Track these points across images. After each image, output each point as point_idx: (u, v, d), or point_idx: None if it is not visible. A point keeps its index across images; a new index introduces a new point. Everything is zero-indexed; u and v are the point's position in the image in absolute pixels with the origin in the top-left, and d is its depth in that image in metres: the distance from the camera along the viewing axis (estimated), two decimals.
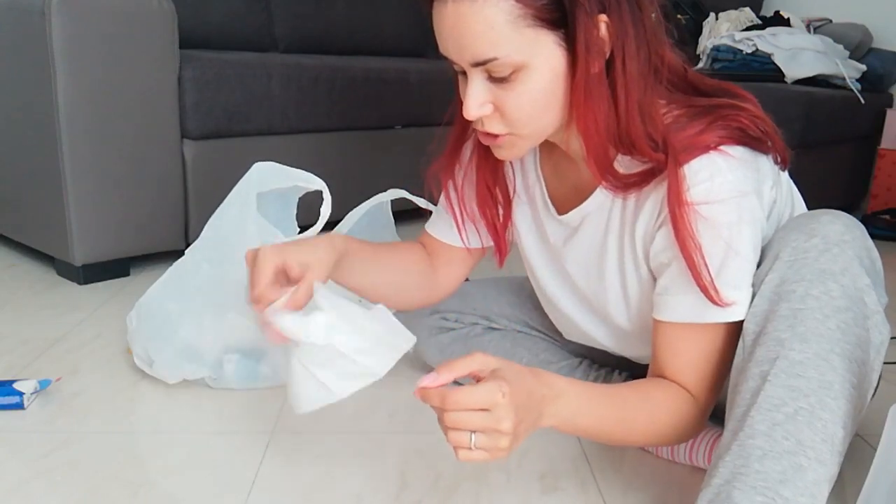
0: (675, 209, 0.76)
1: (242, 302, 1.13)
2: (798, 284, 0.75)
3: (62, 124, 1.50)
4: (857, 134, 2.54)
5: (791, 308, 0.74)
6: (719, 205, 0.76)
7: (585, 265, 0.94)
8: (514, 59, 0.73)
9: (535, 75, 0.75)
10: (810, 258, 0.75)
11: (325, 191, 1.15)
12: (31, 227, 1.71)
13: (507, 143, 0.82)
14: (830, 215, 0.78)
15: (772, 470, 0.70)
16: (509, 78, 0.75)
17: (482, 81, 0.77)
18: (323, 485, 0.93)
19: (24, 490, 0.89)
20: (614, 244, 0.89)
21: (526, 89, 0.76)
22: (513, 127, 0.79)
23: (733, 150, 0.77)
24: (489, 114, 0.79)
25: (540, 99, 0.77)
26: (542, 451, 1.03)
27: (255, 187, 1.13)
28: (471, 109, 0.78)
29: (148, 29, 1.57)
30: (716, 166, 0.76)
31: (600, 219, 0.90)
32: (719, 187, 0.76)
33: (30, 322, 1.42)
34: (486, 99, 0.77)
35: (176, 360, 1.14)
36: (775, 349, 0.74)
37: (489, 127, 0.80)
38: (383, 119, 2.15)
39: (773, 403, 0.72)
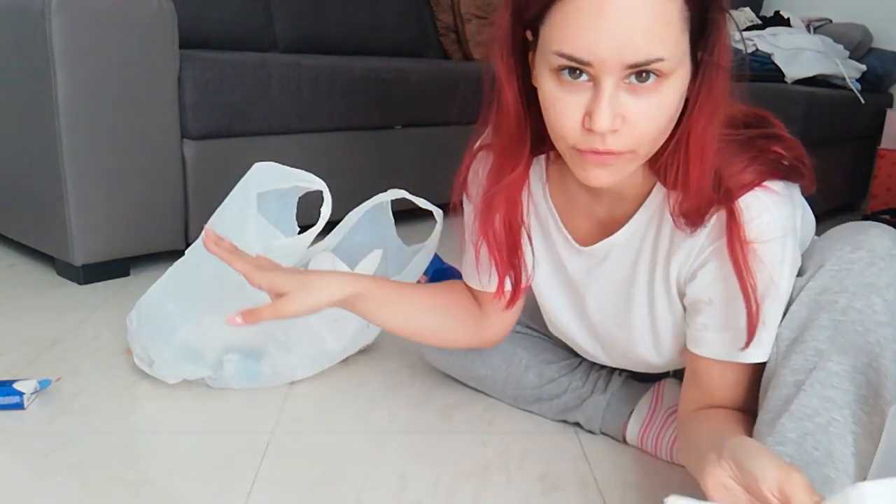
0: (735, 246, 0.74)
1: (242, 302, 1.13)
2: (841, 295, 0.74)
3: (62, 124, 1.50)
4: (857, 134, 2.54)
5: (832, 319, 0.74)
6: (768, 244, 0.75)
7: (611, 297, 0.92)
8: (673, 63, 0.67)
9: (675, 85, 0.69)
10: (855, 270, 0.75)
11: (325, 191, 1.15)
12: (31, 227, 1.71)
13: (622, 163, 0.72)
14: (879, 229, 0.78)
15: None
16: (651, 87, 0.68)
17: (618, 90, 0.68)
18: (323, 485, 0.93)
19: (24, 490, 0.89)
20: (644, 277, 0.87)
21: (665, 101, 0.69)
22: (638, 143, 0.71)
23: (775, 185, 0.76)
24: (619, 127, 0.69)
25: (671, 111, 0.70)
26: (542, 451, 1.03)
27: (255, 187, 1.13)
28: (604, 121, 0.68)
29: (148, 29, 1.57)
30: (762, 205, 0.74)
31: (630, 250, 0.87)
32: (767, 226, 0.74)
33: (30, 322, 1.42)
34: (619, 110, 0.69)
35: (176, 360, 1.14)
36: (813, 359, 0.73)
37: (612, 143, 0.70)
38: (383, 119, 2.15)
39: (805, 413, 0.72)
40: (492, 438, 1.06)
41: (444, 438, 1.05)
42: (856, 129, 2.51)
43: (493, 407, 1.14)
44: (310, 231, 1.15)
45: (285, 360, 1.18)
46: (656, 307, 0.88)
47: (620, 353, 0.98)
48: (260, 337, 1.16)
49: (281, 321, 1.13)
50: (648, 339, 0.91)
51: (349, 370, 1.26)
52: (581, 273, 0.93)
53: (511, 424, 1.10)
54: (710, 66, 0.70)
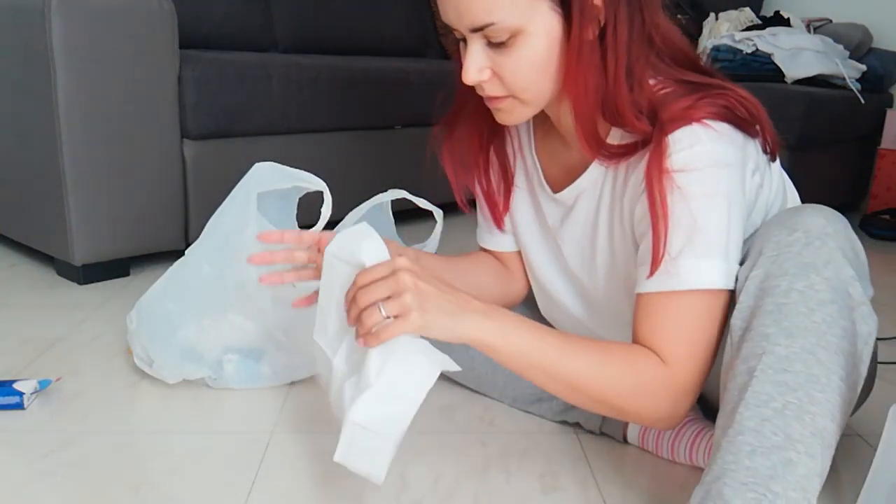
0: (652, 175, 0.78)
1: (242, 302, 1.14)
2: (782, 279, 0.75)
3: (62, 124, 1.50)
4: (857, 134, 2.54)
5: (775, 303, 0.74)
6: (696, 173, 0.77)
7: (580, 244, 0.96)
8: (511, 24, 0.76)
9: (532, 40, 0.78)
10: (793, 252, 0.75)
11: (325, 191, 1.15)
12: (31, 227, 1.71)
13: (508, 107, 0.85)
14: (812, 209, 0.79)
15: (762, 466, 0.70)
16: (507, 43, 0.78)
17: (481, 47, 0.80)
18: (323, 485, 0.93)
19: (24, 490, 0.89)
20: (605, 220, 0.91)
21: (523, 54, 0.78)
22: (512, 90, 0.82)
23: (717, 124, 0.78)
24: (488, 78, 0.82)
25: (537, 63, 0.79)
26: (542, 451, 1.03)
27: (256, 187, 1.13)
28: (469, 74, 0.81)
29: (148, 29, 1.57)
30: (696, 136, 0.77)
31: (593, 195, 0.91)
32: (697, 156, 0.77)
33: (30, 322, 1.42)
34: (484, 64, 0.80)
35: (176, 360, 1.14)
36: (761, 344, 0.74)
37: (490, 90, 0.83)
38: (383, 119, 2.15)
39: (760, 399, 0.72)
40: (492, 438, 1.06)
41: (444, 438, 1.05)
42: (856, 129, 2.51)
43: (493, 407, 1.15)
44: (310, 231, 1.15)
45: (285, 360, 1.18)
46: (616, 251, 0.90)
47: (602, 308, 0.98)
48: (260, 337, 1.16)
49: (281, 321, 1.13)
50: (617, 289, 0.93)
51: None
52: (556, 223, 0.98)
53: (511, 424, 1.10)
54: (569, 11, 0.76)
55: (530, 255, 1.06)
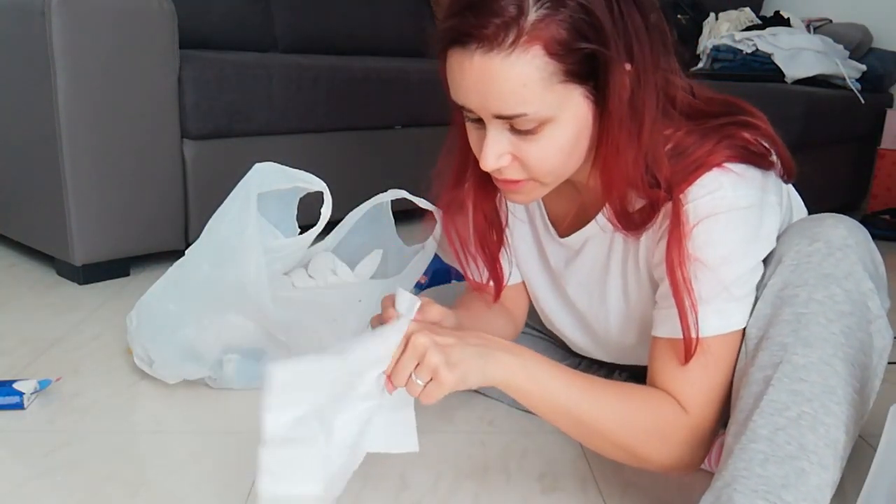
0: (673, 242, 0.76)
1: (242, 302, 1.13)
2: (801, 289, 0.75)
3: (62, 124, 1.50)
4: (857, 134, 2.54)
5: (794, 312, 0.74)
6: (715, 219, 0.75)
7: (587, 288, 0.94)
8: (543, 114, 0.72)
9: (561, 128, 0.74)
10: (813, 262, 0.75)
11: (325, 192, 1.15)
12: (31, 227, 1.71)
13: (526, 189, 0.80)
14: (833, 219, 0.78)
15: (774, 474, 0.70)
16: (534, 130, 0.73)
17: (503, 132, 0.75)
18: None
19: (24, 490, 0.89)
20: (618, 266, 0.89)
21: (550, 143, 0.74)
22: (535, 175, 0.78)
23: (736, 166, 0.76)
24: (507, 164, 0.77)
25: (565, 149, 0.75)
26: (542, 451, 1.03)
27: (256, 188, 1.13)
28: (489, 161, 0.76)
29: (148, 29, 1.57)
30: (717, 182, 0.76)
31: (603, 241, 0.89)
32: (719, 201, 0.75)
33: (30, 322, 1.42)
34: (505, 150, 0.76)
35: (176, 360, 1.14)
36: (778, 353, 0.74)
37: (508, 174, 0.78)
38: (383, 119, 2.15)
39: (775, 407, 0.72)
40: (492, 438, 1.06)
41: (444, 438, 1.05)
42: (856, 129, 2.51)
43: (493, 407, 1.15)
44: (310, 231, 1.15)
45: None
46: (630, 297, 0.89)
47: (612, 344, 0.98)
48: (260, 337, 1.16)
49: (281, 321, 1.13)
50: (627, 328, 0.92)
51: None
52: (560, 264, 0.96)
53: (511, 424, 1.10)
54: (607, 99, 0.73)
55: (533, 286, 1.03)
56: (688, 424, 0.80)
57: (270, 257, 1.13)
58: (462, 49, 0.71)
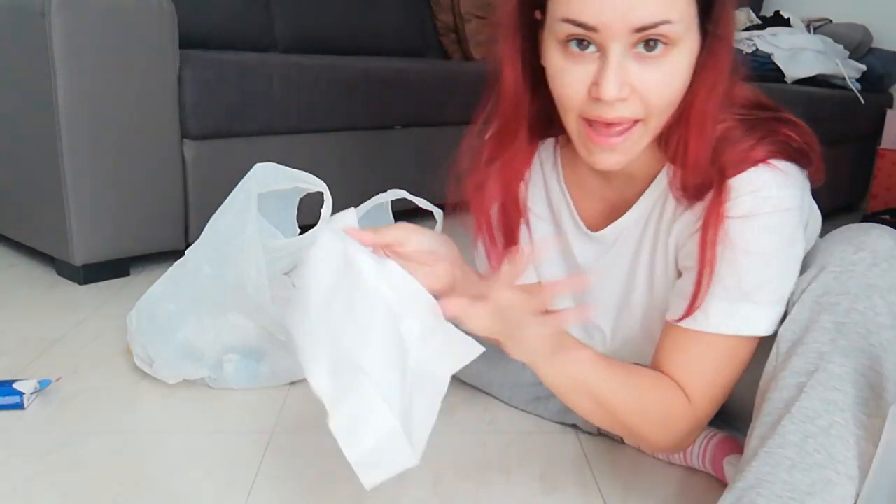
0: (710, 219, 0.75)
1: (242, 302, 1.14)
2: (843, 297, 0.74)
3: (62, 124, 1.50)
4: (857, 134, 2.54)
5: (834, 321, 0.73)
6: (758, 218, 0.75)
7: (616, 281, 0.93)
8: (679, 29, 0.68)
9: (684, 53, 0.70)
10: (857, 272, 0.74)
11: (325, 191, 1.15)
12: (31, 227, 1.71)
13: (629, 139, 0.74)
14: (881, 230, 0.77)
15: (800, 482, 0.69)
16: (660, 54, 0.69)
17: (626, 59, 0.69)
18: (323, 485, 0.93)
19: (24, 490, 0.89)
20: (646, 257, 0.88)
21: (675, 69, 0.70)
22: (647, 112, 0.72)
23: (781, 164, 0.76)
24: (627, 96, 0.70)
25: (681, 81, 0.72)
26: (542, 451, 1.03)
27: (256, 188, 1.13)
28: (610, 89, 0.68)
29: (148, 29, 1.57)
30: (762, 180, 0.75)
31: (635, 232, 0.88)
32: (763, 200, 0.74)
33: (30, 322, 1.42)
34: (627, 79, 0.69)
35: (176, 360, 1.14)
36: (814, 361, 0.73)
37: (623, 110, 0.71)
38: (383, 119, 2.15)
39: (807, 415, 0.71)
40: (492, 438, 1.06)
41: (444, 438, 1.05)
42: (856, 129, 2.51)
43: (493, 407, 1.15)
44: (310, 231, 1.15)
45: (285, 360, 1.18)
46: (655, 286, 0.89)
47: (621, 342, 0.98)
48: (260, 337, 1.16)
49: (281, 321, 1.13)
50: (649, 323, 0.91)
51: None
52: (590, 260, 0.94)
53: (511, 424, 1.10)
54: (715, 38, 0.71)
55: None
56: (691, 414, 0.81)
57: (270, 257, 1.13)
58: None
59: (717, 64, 0.72)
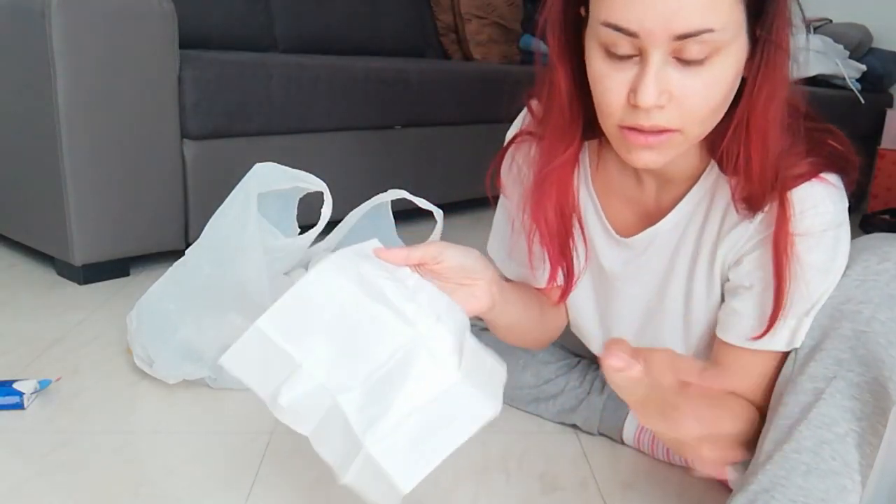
0: (781, 238, 0.74)
1: (242, 302, 1.13)
2: (864, 306, 0.74)
3: (62, 124, 1.50)
4: (857, 134, 2.53)
5: (854, 329, 0.73)
6: (820, 236, 0.74)
7: (647, 286, 0.90)
8: (724, 36, 0.65)
9: (729, 61, 0.67)
10: (881, 281, 0.74)
11: (325, 191, 1.15)
12: (31, 227, 1.71)
13: (669, 143, 0.71)
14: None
15: (815, 488, 0.69)
16: (702, 62, 0.66)
17: (667, 65, 0.67)
18: (323, 485, 0.93)
19: (24, 490, 0.89)
20: (684, 267, 0.86)
21: (717, 77, 0.67)
22: (688, 120, 0.69)
23: (831, 177, 0.75)
24: (665, 104, 0.68)
25: (725, 89, 0.69)
26: (542, 451, 1.03)
27: (256, 188, 1.13)
28: (649, 95, 0.66)
29: (148, 29, 1.57)
30: (818, 196, 0.74)
31: (671, 240, 0.86)
32: (822, 217, 0.74)
33: (30, 322, 1.42)
34: (666, 86, 0.67)
35: (176, 360, 1.14)
36: (833, 368, 0.73)
37: (659, 119, 0.69)
38: (383, 119, 2.15)
39: (824, 421, 0.71)
40: (492, 438, 1.06)
41: None
42: (856, 129, 2.50)
43: None
44: (310, 231, 1.16)
45: None
46: (693, 297, 0.86)
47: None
48: None
49: None
50: (679, 333, 0.90)
51: None
52: (617, 266, 0.91)
53: (511, 424, 1.10)
54: (769, 44, 0.68)
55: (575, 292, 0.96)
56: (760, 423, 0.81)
57: (270, 257, 1.13)
58: None
59: (773, 72, 0.69)
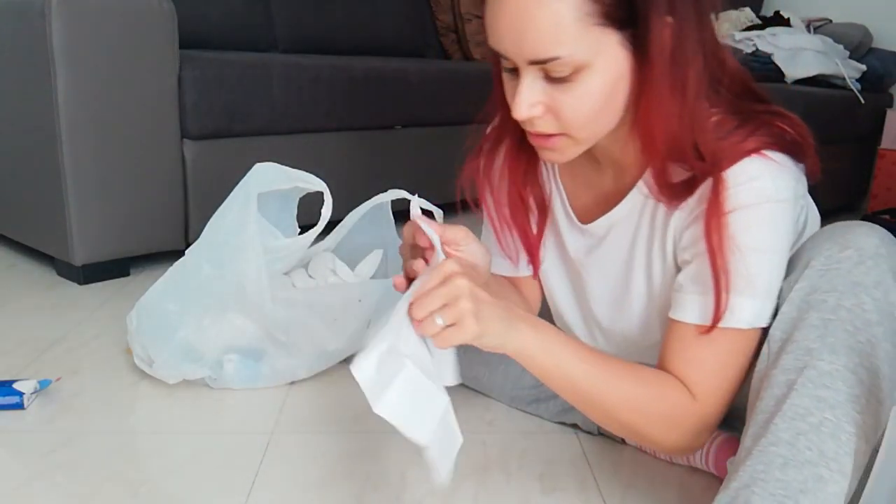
0: (711, 216, 0.75)
1: (242, 302, 1.14)
2: (829, 294, 0.74)
3: (62, 124, 1.50)
4: (857, 134, 2.54)
5: (821, 318, 0.74)
6: (753, 210, 0.75)
7: (610, 278, 0.93)
8: (577, 59, 0.70)
9: (596, 76, 0.72)
10: (843, 269, 0.74)
11: (325, 192, 1.15)
12: (31, 227, 1.71)
13: (560, 146, 0.79)
14: (866, 227, 0.78)
15: (793, 479, 0.69)
16: (568, 78, 0.72)
17: (537, 80, 0.73)
18: (323, 485, 0.93)
19: (24, 490, 0.89)
20: (642, 254, 0.88)
21: (585, 91, 0.73)
22: (568, 128, 0.76)
23: (775, 155, 0.76)
24: (541, 114, 0.75)
25: (599, 101, 0.74)
26: (542, 451, 1.03)
27: (256, 188, 1.13)
28: (521, 109, 0.74)
29: (148, 29, 1.57)
30: (758, 170, 0.75)
31: (628, 226, 0.88)
32: (759, 191, 0.75)
33: (30, 322, 1.42)
34: (538, 99, 0.74)
35: (176, 360, 1.14)
36: (803, 358, 0.73)
37: (541, 127, 0.77)
38: (383, 119, 2.15)
39: (797, 412, 0.71)
40: (492, 438, 1.06)
41: None
42: (856, 129, 2.51)
43: (493, 407, 1.14)
44: (310, 231, 1.16)
45: (285, 360, 1.18)
46: (654, 284, 0.88)
47: (622, 338, 0.98)
48: (260, 337, 1.16)
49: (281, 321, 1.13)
50: (650, 319, 0.91)
51: (349, 370, 1.26)
52: (581, 253, 0.95)
53: (511, 424, 1.10)
54: (646, 62, 0.72)
55: (549, 279, 1.02)
56: (695, 412, 0.81)
57: (270, 257, 1.13)
58: None
59: (651, 87, 0.73)
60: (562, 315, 1.04)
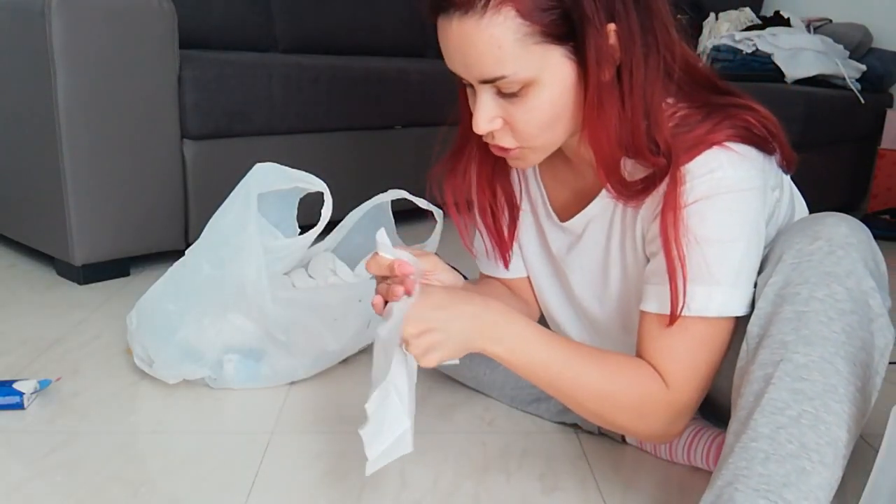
0: (667, 210, 0.77)
1: (242, 302, 1.14)
2: (802, 287, 0.74)
3: (62, 124, 1.50)
4: (857, 134, 2.54)
5: (795, 311, 0.74)
6: (712, 199, 0.76)
7: (590, 272, 0.94)
8: (523, 76, 0.74)
9: (545, 90, 0.75)
10: (815, 260, 0.75)
11: (325, 192, 1.15)
12: (31, 227, 1.71)
13: (519, 155, 0.82)
14: (835, 217, 0.78)
15: (775, 473, 0.70)
16: (518, 93, 0.75)
17: (491, 97, 0.77)
18: (323, 485, 0.93)
19: (24, 490, 0.89)
20: (617, 248, 0.89)
21: (535, 104, 0.76)
22: (524, 140, 0.80)
23: (738, 146, 0.77)
24: (499, 128, 0.79)
25: (549, 112, 0.77)
26: (542, 451, 1.03)
27: (256, 188, 1.13)
28: (480, 124, 0.78)
29: (148, 29, 1.57)
30: (717, 161, 0.76)
31: (603, 223, 0.90)
32: (718, 181, 0.76)
33: (30, 322, 1.42)
34: (495, 114, 0.78)
35: (176, 360, 1.14)
36: (779, 352, 0.73)
37: (500, 140, 0.80)
38: (383, 119, 2.15)
39: (776, 406, 0.72)
40: (492, 438, 1.06)
41: (444, 438, 1.05)
42: (856, 129, 2.51)
43: (493, 407, 1.15)
44: (310, 231, 1.16)
45: (285, 361, 1.18)
46: (629, 276, 0.90)
47: (613, 334, 0.98)
48: (260, 337, 1.16)
49: (281, 321, 1.13)
50: (629, 313, 0.92)
51: (349, 370, 1.26)
52: (562, 251, 0.96)
53: (511, 424, 1.10)
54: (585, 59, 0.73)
55: (536, 277, 1.04)
56: (668, 400, 0.81)
57: (270, 257, 1.13)
58: (445, 16, 0.74)
59: (591, 94, 0.75)
60: (552, 315, 1.05)
